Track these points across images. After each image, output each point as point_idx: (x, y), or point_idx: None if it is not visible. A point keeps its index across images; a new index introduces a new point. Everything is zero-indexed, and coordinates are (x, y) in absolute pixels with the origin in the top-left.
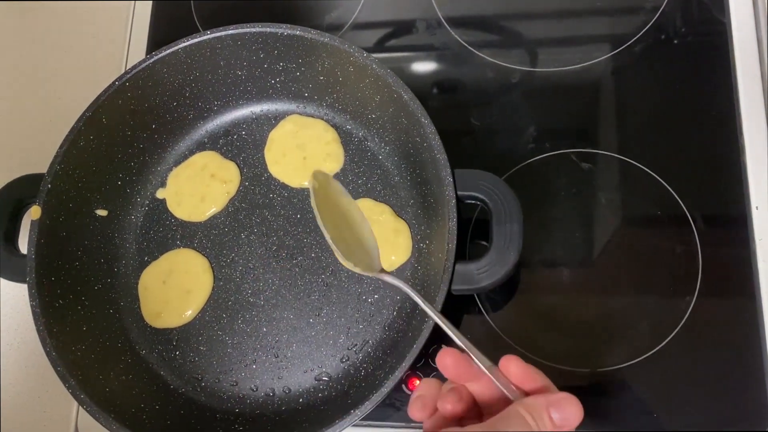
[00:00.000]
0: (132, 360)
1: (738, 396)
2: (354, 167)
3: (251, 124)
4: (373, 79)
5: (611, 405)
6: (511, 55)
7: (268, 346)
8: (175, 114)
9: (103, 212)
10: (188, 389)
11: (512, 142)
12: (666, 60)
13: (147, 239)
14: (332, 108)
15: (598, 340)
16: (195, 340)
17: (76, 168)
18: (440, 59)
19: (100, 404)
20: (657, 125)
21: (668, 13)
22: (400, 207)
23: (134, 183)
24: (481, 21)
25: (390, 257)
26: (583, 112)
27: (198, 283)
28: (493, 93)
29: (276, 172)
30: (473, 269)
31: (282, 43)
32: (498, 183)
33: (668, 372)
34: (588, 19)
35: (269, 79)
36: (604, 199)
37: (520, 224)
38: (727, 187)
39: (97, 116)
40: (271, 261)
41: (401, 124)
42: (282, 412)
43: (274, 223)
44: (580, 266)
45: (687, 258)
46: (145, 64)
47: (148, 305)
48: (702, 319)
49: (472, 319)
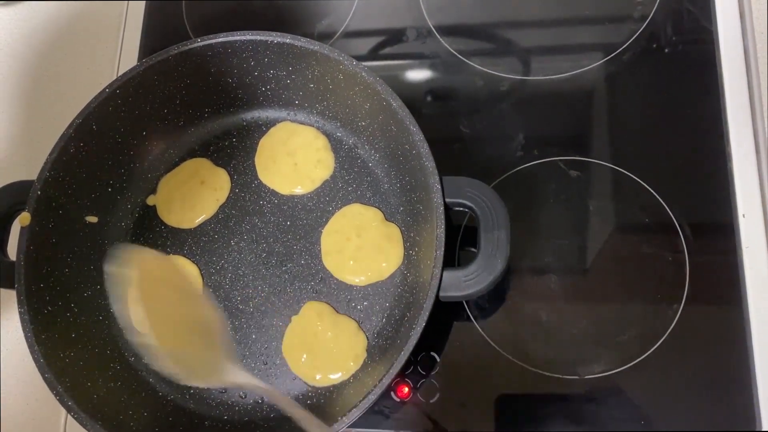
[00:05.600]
0: (121, 367)
1: (725, 402)
2: (344, 174)
3: (242, 131)
4: (363, 87)
5: (599, 412)
6: (501, 63)
7: (257, 353)
8: (166, 121)
9: (93, 219)
10: (177, 396)
11: (501, 150)
12: (654, 68)
13: (137, 246)
14: (323, 115)
15: (586, 347)
16: None
17: (65, 175)
18: (430, 68)
19: (88, 411)
20: (645, 133)
21: (657, 22)
22: (390, 214)
23: (124, 190)
24: (471, 29)
25: (381, 264)
26: (572, 120)
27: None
28: (482, 101)
29: (266, 179)
30: (461, 276)
31: (272, 51)
32: (486, 190)
33: (656, 378)
34: (577, 27)
35: (260, 87)
36: (592, 206)
37: (507, 231)
38: (715, 194)
39: (88, 123)
40: (260, 268)
41: (391, 131)
42: (270, 420)
43: (264, 230)
44: (568, 273)
45: (675, 265)
46: (135, 72)
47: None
48: (690, 325)
49: (460, 326)
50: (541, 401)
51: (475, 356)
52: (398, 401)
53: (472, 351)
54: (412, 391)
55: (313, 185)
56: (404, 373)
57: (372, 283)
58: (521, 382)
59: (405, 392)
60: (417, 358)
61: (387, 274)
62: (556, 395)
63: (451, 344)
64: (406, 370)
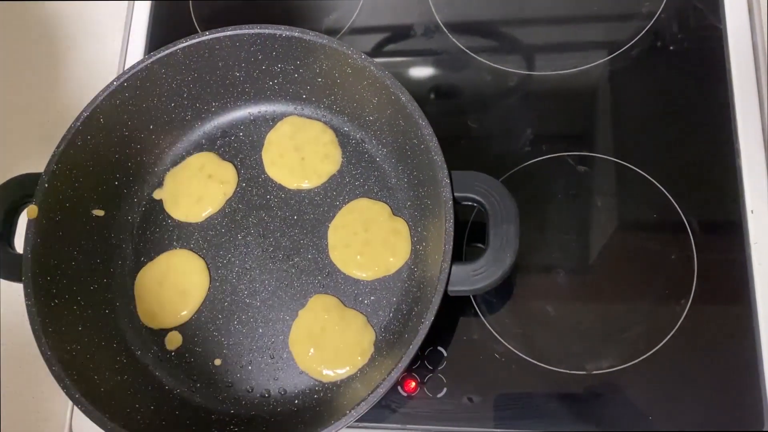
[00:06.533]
0: (127, 360)
1: (733, 399)
2: (351, 169)
3: (249, 125)
4: (371, 81)
5: (606, 407)
6: (509, 59)
7: (264, 347)
8: (173, 115)
9: (99, 212)
10: (183, 390)
11: (509, 145)
12: (662, 64)
13: (143, 240)
14: (330, 110)
15: (593, 343)
16: (190, 341)
17: (73, 168)
18: (438, 63)
19: (95, 404)
20: (653, 129)
21: (664, 19)
22: (398, 209)
23: (131, 183)
24: (478, 25)
25: (388, 259)
26: (580, 116)
27: (194, 284)
28: (490, 96)
29: (273, 174)
30: (469, 270)
31: (280, 44)
32: (495, 185)
33: (664, 375)
34: (585, 23)
35: (267, 81)
36: (600, 202)
37: (516, 226)
38: (723, 190)
39: (95, 116)
40: (267, 262)
41: (399, 125)
42: (277, 414)
43: (271, 224)
44: (576, 269)
45: (683, 261)
46: (143, 65)
47: (144, 306)
48: (697, 322)
49: (468, 321)
50: (547, 396)
51: (482, 351)
52: (405, 396)
53: (479, 346)
54: (419, 386)
55: (320, 180)
56: (411, 368)
57: (379, 277)
58: (528, 377)
59: (412, 387)
60: (424, 352)
61: (394, 269)
62: (562, 390)
63: (458, 339)
64: (414, 365)
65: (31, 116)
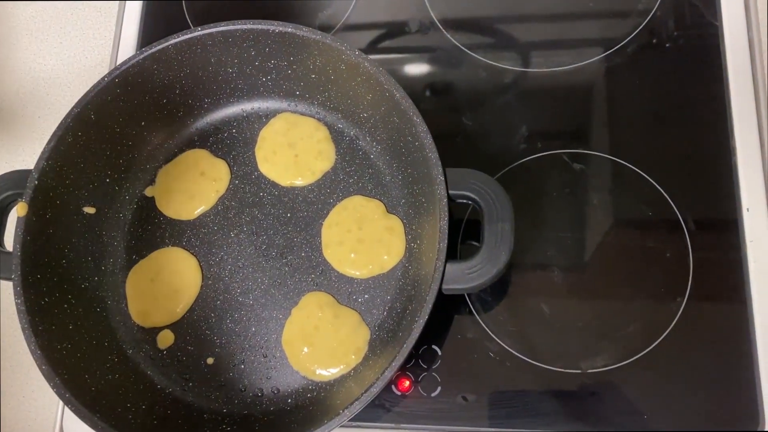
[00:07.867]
0: (119, 359)
1: (729, 397)
2: (345, 166)
3: (242, 122)
4: (365, 78)
5: (601, 406)
6: (504, 56)
7: (257, 346)
8: (165, 111)
9: (90, 210)
10: (175, 389)
11: (504, 143)
12: (658, 61)
13: (135, 237)
14: (324, 106)
15: (588, 341)
16: (183, 340)
17: (63, 165)
18: (433, 60)
19: (86, 404)
20: (649, 126)
21: (660, 16)
22: (392, 206)
23: (123, 180)
24: (473, 22)
25: (382, 257)
26: (576, 113)
27: (186, 282)
28: (485, 93)
29: (266, 171)
30: (464, 269)
31: (273, 40)
32: (490, 182)
33: (659, 373)
34: (581, 20)
35: (260, 77)
36: (596, 199)
37: (511, 224)
38: (719, 188)
39: (86, 112)
40: (260, 260)
41: (393, 122)
42: (270, 413)
43: (264, 221)
44: (571, 267)
45: (678, 259)
46: (134, 61)
47: (135, 304)
48: (693, 320)
49: (462, 320)
50: (542, 395)
51: (477, 349)
52: (399, 395)
53: (473, 344)
54: (413, 385)
55: (314, 177)
56: (405, 367)
57: (373, 275)
58: (523, 375)
59: (406, 386)
60: (418, 351)
61: (388, 267)
62: (557, 389)
63: (453, 337)
64: (408, 364)
65: (21, 113)
